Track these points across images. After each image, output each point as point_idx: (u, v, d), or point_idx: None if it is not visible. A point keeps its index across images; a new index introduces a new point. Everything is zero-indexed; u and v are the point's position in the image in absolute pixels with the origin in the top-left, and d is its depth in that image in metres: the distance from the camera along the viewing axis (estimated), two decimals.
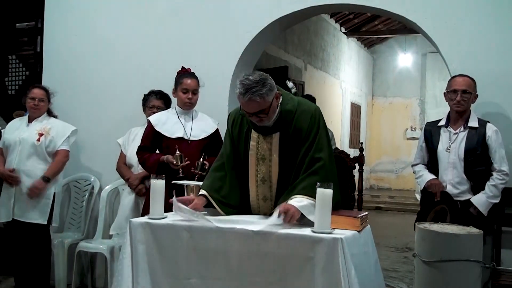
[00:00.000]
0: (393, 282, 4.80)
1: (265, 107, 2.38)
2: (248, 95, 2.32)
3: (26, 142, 3.75)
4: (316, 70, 10.38)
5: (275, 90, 2.44)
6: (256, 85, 2.33)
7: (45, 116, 3.91)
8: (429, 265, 2.31)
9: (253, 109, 2.38)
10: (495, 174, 3.13)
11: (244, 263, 2.22)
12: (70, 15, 4.65)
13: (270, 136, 2.52)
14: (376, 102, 14.24)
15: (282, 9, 3.95)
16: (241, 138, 2.59)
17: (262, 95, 2.33)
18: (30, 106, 3.84)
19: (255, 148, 2.54)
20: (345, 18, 11.23)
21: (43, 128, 3.80)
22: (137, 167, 3.75)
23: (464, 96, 3.19)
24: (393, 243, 6.91)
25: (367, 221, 2.43)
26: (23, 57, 5.37)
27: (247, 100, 2.34)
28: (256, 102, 2.34)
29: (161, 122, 3.39)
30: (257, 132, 2.54)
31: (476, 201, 3.13)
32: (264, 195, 2.58)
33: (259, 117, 2.41)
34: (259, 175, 2.54)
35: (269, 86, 2.37)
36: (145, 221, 2.44)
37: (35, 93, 3.85)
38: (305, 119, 2.49)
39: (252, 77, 2.35)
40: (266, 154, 2.52)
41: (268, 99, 2.37)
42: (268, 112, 2.41)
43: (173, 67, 3.58)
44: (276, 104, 2.45)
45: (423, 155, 3.40)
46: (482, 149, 3.16)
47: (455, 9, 3.57)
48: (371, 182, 14.01)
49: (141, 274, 2.40)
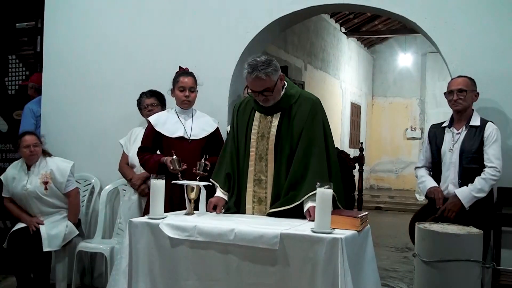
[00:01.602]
0: (393, 282, 4.80)
1: (270, 86, 2.59)
2: (255, 73, 2.55)
3: (34, 193, 3.81)
4: (316, 70, 10.38)
5: (280, 72, 2.64)
6: (262, 65, 2.56)
7: (41, 158, 3.90)
8: (429, 265, 2.32)
9: (259, 87, 2.59)
10: (486, 169, 3.11)
11: (244, 263, 2.22)
12: (70, 15, 4.65)
13: (272, 115, 2.72)
14: (376, 102, 14.24)
15: (282, 9, 3.95)
16: (245, 119, 2.79)
17: (267, 73, 2.55)
18: (27, 155, 3.83)
19: (257, 127, 2.74)
20: (345, 18, 11.23)
21: (45, 175, 3.83)
22: (139, 167, 3.75)
23: (460, 94, 3.21)
24: (393, 243, 6.92)
25: (367, 221, 2.43)
26: (23, 57, 5.37)
27: (254, 78, 2.57)
28: (262, 80, 2.56)
29: (161, 122, 3.38)
30: (260, 112, 2.75)
31: (459, 192, 3.12)
32: (259, 197, 2.67)
33: (264, 95, 2.62)
34: (257, 153, 2.72)
35: (274, 67, 2.59)
36: (145, 221, 2.44)
37: (28, 141, 3.82)
38: (307, 105, 2.69)
39: (259, 58, 2.59)
40: (265, 132, 2.71)
41: (273, 78, 2.59)
42: (273, 91, 2.61)
43: (173, 67, 3.58)
44: (281, 86, 2.68)
45: (427, 156, 3.41)
46: (480, 148, 3.16)
47: (455, 9, 3.57)
48: (371, 182, 14.01)
49: (140, 274, 2.40)
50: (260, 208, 2.69)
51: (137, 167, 3.83)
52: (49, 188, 3.82)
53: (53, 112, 4.61)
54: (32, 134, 3.93)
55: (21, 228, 3.83)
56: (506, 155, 3.28)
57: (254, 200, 2.70)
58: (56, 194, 3.87)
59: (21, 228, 3.83)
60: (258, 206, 2.69)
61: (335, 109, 11.42)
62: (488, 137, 3.15)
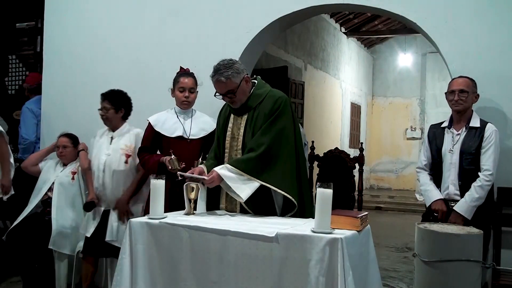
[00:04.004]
0: (393, 282, 4.80)
1: (232, 88, 2.69)
2: (216, 76, 2.68)
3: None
4: (316, 70, 10.38)
5: (243, 74, 2.72)
6: (223, 68, 2.67)
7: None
8: (429, 265, 2.31)
9: (221, 89, 2.70)
10: (481, 175, 3.11)
11: (244, 263, 2.22)
12: (70, 15, 4.65)
13: (241, 117, 2.80)
14: (376, 102, 14.24)
15: (282, 9, 3.95)
16: (223, 122, 2.89)
17: (228, 76, 2.65)
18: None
19: (231, 129, 2.83)
20: (345, 18, 11.23)
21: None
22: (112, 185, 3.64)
23: (461, 95, 3.20)
24: (393, 243, 6.91)
25: (367, 221, 2.43)
26: (23, 57, 5.38)
27: (215, 81, 2.70)
28: (223, 83, 2.67)
29: (160, 122, 3.40)
30: (233, 114, 2.84)
31: (459, 208, 3.12)
32: (231, 197, 2.68)
33: (228, 97, 2.72)
34: (230, 154, 2.79)
35: (235, 69, 2.68)
36: (145, 221, 2.44)
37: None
38: (269, 103, 2.72)
39: (222, 62, 2.71)
40: (236, 133, 2.80)
41: (235, 80, 2.68)
42: (236, 93, 2.70)
43: (173, 67, 3.58)
44: (247, 88, 2.75)
45: (428, 156, 3.41)
46: (479, 149, 3.16)
47: (455, 9, 3.57)
48: (371, 182, 14.01)
49: (140, 274, 2.40)
50: (232, 207, 2.76)
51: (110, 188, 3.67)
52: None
53: (53, 112, 4.61)
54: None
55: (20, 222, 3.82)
56: (506, 155, 3.28)
57: (227, 200, 2.78)
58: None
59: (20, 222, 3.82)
60: (230, 205, 2.76)
61: (335, 109, 11.42)
62: (487, 139, 3.15)
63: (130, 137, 3.69)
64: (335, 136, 11.32)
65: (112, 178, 3.60)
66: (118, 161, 3.61)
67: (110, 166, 3.61)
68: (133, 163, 3.67)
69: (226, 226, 2.28)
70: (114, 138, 3.69)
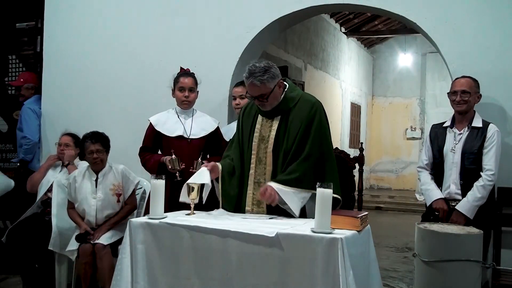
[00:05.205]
0: (393, 282, 4.80)
1: (265, 92, 2.61)
2: (251, 79, 2.59)
3: None
4: (316, 70, 10.38)
5: (278, 78, 2.64)
6: (259, 71, 2.58)
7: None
8: (429, 265, 2.32)
9: (254, 92, 2.62)
10: (483, 175, 3.13)
11: (244, 263, 2.22)
12: (70, 15, 4.65)
13: (272, 119, 2.73)
14: (376, 102, 14.24)
15: (282, 9, 3.96)
16: (249, 123, 2.81)
17: (262, 81, 2.57)
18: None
19: (259, 130, 2.75)
20: (345, 18, 11.23)
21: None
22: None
23: (464, 96, 3.21)
24: (393, 243, 6.91)
25: (367, 221, 2.43)
26: (23, 57, 5.38)
27: (249, 84, 2.62)
28: (257, 87, 2.59)
29: (161, 122, 3.41)
30: (262, 116, 2.76)
31: (461, 207, 3.13)
32: (258, 199, 2.66)
33: (260, 101, 2.65)
34: (258, 156, 2.73)
35: (271, 74, 2.60)
36: (145, 221, 2.44)
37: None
38: (305, 108, 2.67)
39: (258, 64, 2.61)
40: (266, 135, 2.72)
41: (269, 85, 2.60)
42: (268, 98, 2.63)
43: (173, 67, 3.58)
44: (280, 93, 2.68)
45: (429, 156, 3.41)
46: (481, 149, 3.16)
47: (455, 9, 3.58)
48: (371, 182, 14.01)
49: (140, 273, 2.40)
50: (258, 210, 2.70)
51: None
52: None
53: (53, 111, 4.61)
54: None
55: (20, 222, 3.82)
56: (506, 154, 3.28)
57: (254, 203, 2.72)
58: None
59: (20, 222, 3.82)
60: (257, 208, 2.70)
61: (335, 109, 11.42)
62: (489, 139, 3.15)
63: (116, 175, 3.61)
64: (335, 136, 11.31)
65: (104, 218, 3.58)
66: (111, 204, 3.58)
67: (102, 210, 3.55)
68: (123, 199, 3.65)
69: (226, 226, 2.28)
70: (99, 179, 3.58)
